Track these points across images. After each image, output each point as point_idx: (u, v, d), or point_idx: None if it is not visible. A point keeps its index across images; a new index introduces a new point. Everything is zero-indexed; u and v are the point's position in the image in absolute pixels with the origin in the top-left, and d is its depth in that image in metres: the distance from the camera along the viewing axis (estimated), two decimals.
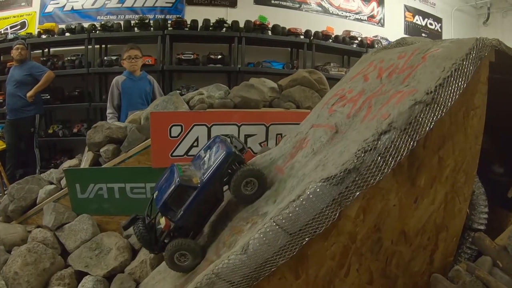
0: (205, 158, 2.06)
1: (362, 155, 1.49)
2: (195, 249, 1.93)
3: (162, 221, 2.01)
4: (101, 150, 3.41)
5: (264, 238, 1.51)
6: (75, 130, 9.16)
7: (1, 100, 9.03)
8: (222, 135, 2.19)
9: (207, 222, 2.13)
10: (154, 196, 2.05)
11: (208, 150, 2.10)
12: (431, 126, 1.50)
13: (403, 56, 1.95)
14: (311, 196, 1.49)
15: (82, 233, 3.14)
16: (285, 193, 1.80)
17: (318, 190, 1.49)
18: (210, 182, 1.92)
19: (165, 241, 2.02)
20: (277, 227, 1.51)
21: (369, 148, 1.49)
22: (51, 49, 9.76)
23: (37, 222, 3.43)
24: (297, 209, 1.49)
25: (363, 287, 1.69)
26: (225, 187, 2.05)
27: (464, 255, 1.89)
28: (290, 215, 1.49)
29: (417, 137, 1.49)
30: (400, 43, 2.34)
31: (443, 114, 1.51)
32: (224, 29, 9.07)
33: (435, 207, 1.71)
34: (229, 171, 1.96)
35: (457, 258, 1.87)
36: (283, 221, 1.50)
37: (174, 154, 3.28)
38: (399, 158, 1.48)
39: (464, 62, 1.59)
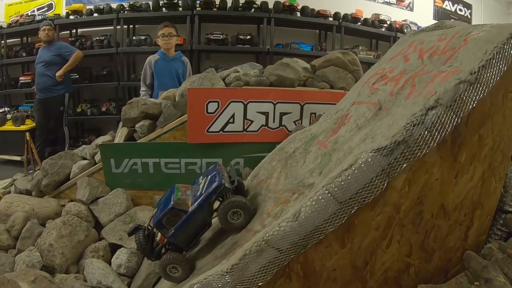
0: (200, 185, 2.21)
1: (411, 128, 1.52)
2: (185, 263, 2.10)
3: (159, 234, 2.21)
4: (136, 126, 3.43)
5: (316, 206, 1.55)
6: (103, 109, 9.30)
7: (30, 80, 9.18)
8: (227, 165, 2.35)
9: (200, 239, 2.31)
10: (154, 212, 2.25)
11: (205, 177, 2.25)
12: (474, 105, 1.54)
13: (444, 39, 1.98)
14: (362, 165, 1.52)
15: (116, 207, 3.19)
16: (332, 165, 1.85)
17: (369, 160, 1.52)
18: (198, 209, 2.07)
19: (162, 251, 2.22)
20: (329, 195, 1.54)
21: (417, 122, 1.53)
22: (79, 30, 9.84)
23: (70, 197, 3.49)
24: (349, 177, 1.53)
25: (402, 259, 1.73)
26: None
27: (495, 236, 1.90)
28: (342, 183, 1.53)
29: (461, 114, 1.53)
30: (439, 26, 2.35)
31: (485, 94, 1.55)
32: (253, 9, 9.02)
33: (473, 184, 1.73)
34: (220, 199, 2.11)
35: (487, 239, 1.89)
36: (335, 189, 1.54)
37: (210, 130, 3.28)
38: (444, 133, 1.53)
39: (505, 46, 1.60)
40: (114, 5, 9.18)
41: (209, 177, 2.20)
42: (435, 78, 1.71)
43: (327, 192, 1.54)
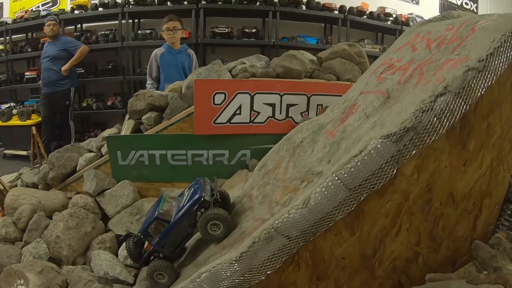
0: (184, 197, 2.33)
1: (420, 114, 1.52)
2: (170, 270, 2.19)
3: (147, 242, 2.33)
4: (143, 118, 3.42)
5: (326, 192, 1.55)
6: (109, 103, 9.34)
7: (36, 75, 9.21)
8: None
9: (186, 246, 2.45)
10: (143, 221, 2.43)
11: (189, 190, 2.37)
12: (482, 92, 1.53)
13: (451, 28, 1.97)
14: (372, 151, 1.52)
15: (122, 199, 3.20)
16: (340, 154, 1.84)
17: (379, 146, 1.52)
18: (180, 220, 2.21)
19: (151, 258, 2.33)
20: (338, 181, 1.54)
21: (427, 109, 1.52)
22: (84, 25, 9.86)
23: (76, 189, 3.50)
24: (358, 164, 1.52)
25: (410, 247, 1.73)
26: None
27: (502, 227, 1.91)
28: (352, 169, 1.53)
29: (469, 101, 1.52)
30: (446, 16, 2.36)
31: (493, 81, 1.54)
32: (258, 3, 9.00)
33: (482, 173, 1.73)
34: (202, 210, 2.20)
35: (495, 230, 1.89)
36: (345, 175, 1.53)
37: (216, 121, 3.28)
38: (453, 120, 1.51)
39: None
40: (119, 0, 9.16)
41: (192, 190, 2.32)
42: (443, 66, 1.70)
43: (337, 178, 1.54)
